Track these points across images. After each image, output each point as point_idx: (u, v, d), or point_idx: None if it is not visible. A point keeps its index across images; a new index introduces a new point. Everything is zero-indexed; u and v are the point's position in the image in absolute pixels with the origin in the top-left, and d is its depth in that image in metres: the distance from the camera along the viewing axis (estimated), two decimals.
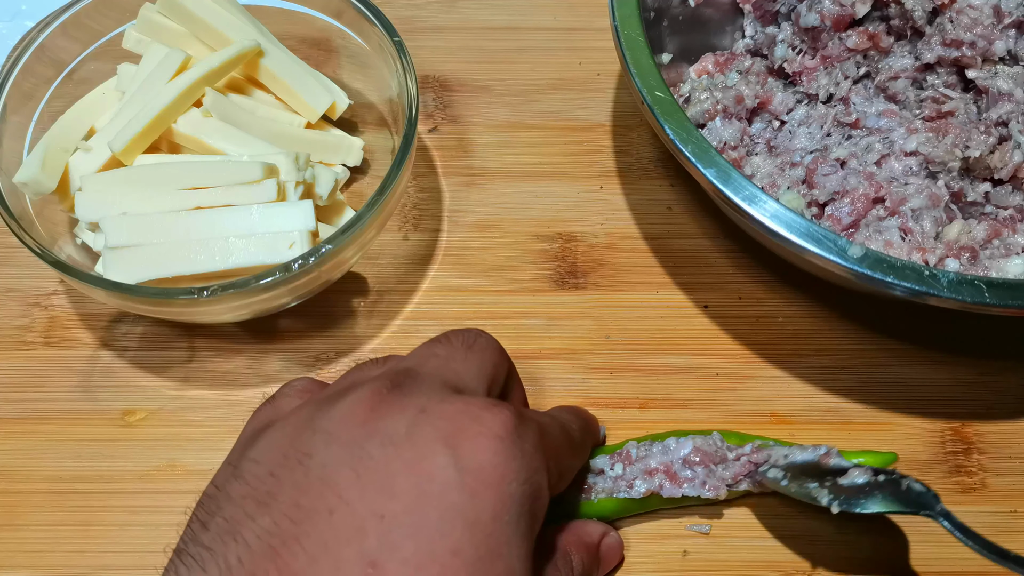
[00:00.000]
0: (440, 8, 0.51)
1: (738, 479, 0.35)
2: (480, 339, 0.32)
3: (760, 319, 0.42)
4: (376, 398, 0.27)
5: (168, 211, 0.37)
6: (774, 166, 0.42)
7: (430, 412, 0.27)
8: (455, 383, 0.29)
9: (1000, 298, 0.33)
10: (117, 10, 0.42)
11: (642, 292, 0.43)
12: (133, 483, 0.38)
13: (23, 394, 0.40)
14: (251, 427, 0.31)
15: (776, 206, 0.34)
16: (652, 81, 0.37)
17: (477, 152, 0.47)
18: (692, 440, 0.36)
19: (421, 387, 0.28)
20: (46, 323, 0.42)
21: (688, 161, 0.36)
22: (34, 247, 0.36)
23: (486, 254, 0.44)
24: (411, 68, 0.40)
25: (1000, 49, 0.41)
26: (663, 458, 0.35)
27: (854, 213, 0.39)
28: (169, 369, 0.41)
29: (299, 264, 0.35)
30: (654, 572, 0.36)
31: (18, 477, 0.38)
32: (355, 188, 0.45)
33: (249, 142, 0.40)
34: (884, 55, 0.44)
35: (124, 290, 0.35)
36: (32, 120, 0.41)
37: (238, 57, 0.41)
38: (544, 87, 0.48)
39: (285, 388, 0.32)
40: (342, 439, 0.26)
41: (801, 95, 0.45)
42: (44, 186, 0.39)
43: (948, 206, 0.40)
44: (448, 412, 0.27)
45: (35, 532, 0.37)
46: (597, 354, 0.41)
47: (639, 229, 0.45)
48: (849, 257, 0.33)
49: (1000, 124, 0.41)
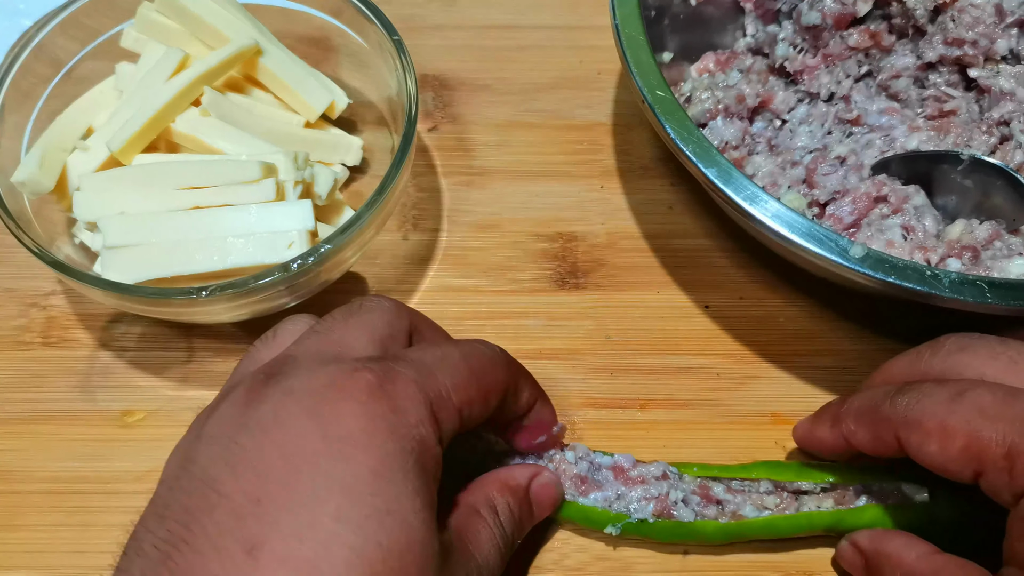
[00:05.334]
0: (440, 7, 0.51)
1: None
2: (366, 303, 0.32)
3: (761, 319, 0.42)
4: (249, 393, 0.28)
5: (166, 211, 0.37)
6: (775, 165, 0.42)
7: (296, 391, 0.27)
8: (336, 354, 0.29)
9: (1002, 298, 0.32)
10: (115, 9, 0.42)
11: (643, 292, 0.43)
12: (132, 483, 0.38)
13: (22, 394, 0.40)
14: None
15: (777, 206, 0.34)
16: (653, 80, 0.37)
17: (477, 152, 0.46)
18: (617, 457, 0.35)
19: (294, 370, 0.28)
20: (44, 323, 0.41)
21: (689, 160, 0.35)
22: (32, 247, 0.36)
23: (486, 254, 0.44)
24: (410, 67, 0.40)
25: (1002, 48, 0.41)
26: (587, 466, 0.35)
27: (855, 212, 0.39)
28: (168, 369, 0.40)
29: (298, 264, 0.35)
30: (654, 572, 0.36)
31: (17, 477, 0.38)
32: (354, 188, 0.45)
33: (248, 141, 0.40)
34: (886, 54, 0.44)
35: (122, 290, 0.35)
36: (30, 119, 0.40)
37: (237, 56, 0.40)
38: (544, 86, 0.48)
39: (278, 331, 0.33)
40: (219, 438, 0.27)
41: (802, 94, 0.44)
42: (42, 185, 0.39)
43: None
44: (312, 386, 0.27)
45: (35, 532, 0.37)
46: (597, 354, 0.41)
47: (640, 229, 0.44)
48: (850, 257, 0.33)
49: (1002, 123, 0.41)
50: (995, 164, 0.39)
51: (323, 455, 0.25)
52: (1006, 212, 0.39)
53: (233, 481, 0.25)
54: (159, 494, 0.27)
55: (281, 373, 0.28)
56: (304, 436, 0.26)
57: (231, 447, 0.26)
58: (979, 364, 0.30)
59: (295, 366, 0.28)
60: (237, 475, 0.25)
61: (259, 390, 0.28)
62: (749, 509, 0.34)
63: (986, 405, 0.27)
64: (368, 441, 0.26)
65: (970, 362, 0.30)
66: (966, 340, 0.32)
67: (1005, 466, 0.27)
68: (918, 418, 0.29)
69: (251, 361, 0.31)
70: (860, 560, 0.33)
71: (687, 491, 0.34)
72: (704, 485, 0.34)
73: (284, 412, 0.26)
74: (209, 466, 0.26)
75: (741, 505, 0.34)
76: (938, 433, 0.28)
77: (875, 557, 0.32)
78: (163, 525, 0.25)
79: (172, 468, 0.28)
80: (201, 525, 0.25)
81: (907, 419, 0.29)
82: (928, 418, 0.28)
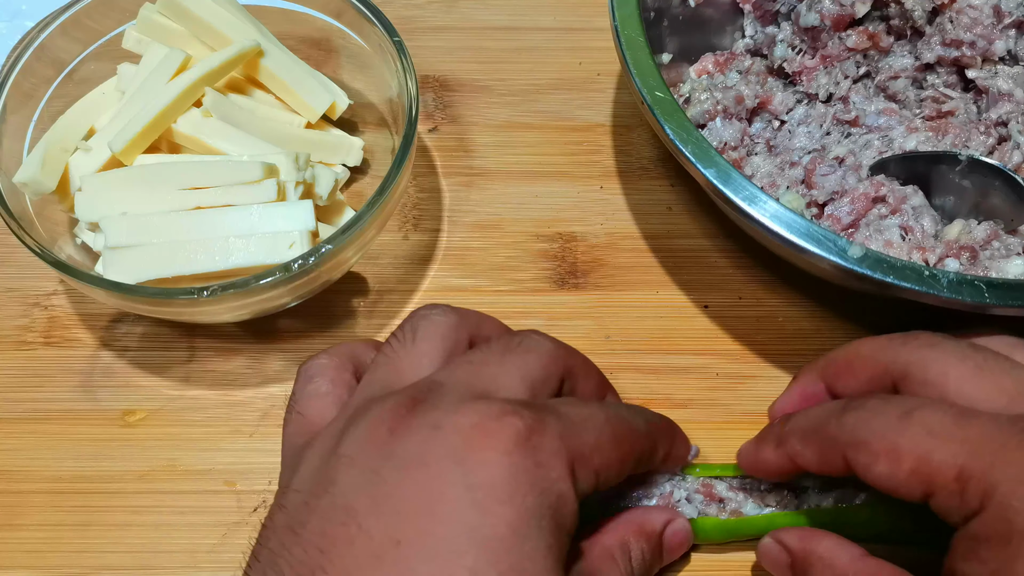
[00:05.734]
0: (440, 8, 0.51)
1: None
2: (526, 340, 0.31)
3: (760, 319, 0.42)
4: (394, 418, 0.27)
5: (168, 211, 0.37)
6: (774, 166, 0.42)
7: (443, 428, 0.26)
8: (485, 390, 0.28)
9: (1000, 298, 0.33)
10: (117, 10, 0.42)
11: (642, 292, 0.43)
12: (133, 483, 0.38)
13: (23, 394, 0.40)
14: (289, 444, 0.30)
15: (776, 206, 0.34)
16: (652, 81, 0.37)
17: (477, 152, 0.47)
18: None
19: (442, 401, 0.27)
20: (46, 323, 0.42)
21: (688, 161, 0.36)
22: (34, 247, 0.36)
23: (486, 254, 0.44)
24: (411, 68, 0.40)
25: (1000, 49, 0.41)
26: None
27: (854, 213, 0.39)
28: (169, 369, 0.41)
29: (299, 264, 0.35)
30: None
31: (18, 477, 0.38)
32: (355, 188, 0.45)
33: (249, 142, 0.40)
34: (884, 55, 0.44)
35: (124, 290, 0.35)
36: (32, 120, 0.41)
37: (238, 57, 0.41)
38: (544, 87, 0.48)
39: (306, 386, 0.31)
40: (361, 464, 0.26)
41: (801, 95, 0.45)
42: (44, 186, 0.39)
43: None
44: (460, 426, 0.26)
45: (35, 532, 0.37)
46: (597, 354, 0.41)
47: (639, 229, 0.44)
48: (849, 257, 0.33)
49: (1000, 124, 0.42)
50: (993, 164, 0.40)
51: (465, 504, 0.25)
52: (1004, 212, 0.40)
53: (375, 518, 0.25)
54: (293, 503, 0.27)
55: (428, 402, 0.27)
56: (447, 481, 0.25)
57: (372, 478, 0.26)
58: (946, 363, 0.29)
59: (442, 396, 0.28)
60: (379, 511, 0.25)
61: (404, 417, 0.27)
62: (750, 507, 0.34)
63: (936, 425, 0.27)
64: (510, 495, 0.25)
65: (938, 359, 0.30)
66: (939, 339, 0.31)
67: (956, 489, 0.26)
68: (866, 439, 0.28)
69: (389, 369, 0.30)
70: (786, 559, 0.32)
71: (690, 490, 0.34)
72: (707, 483, 0.34)
73: (430, 450, 0.26)
74: (350, 494, 0.26)
75: (742, 503, 0.34)
76: (887, 454, 0.27)
77: (804, 557, 0.31)
78: (299, 544, 0.25)
79: (307, 479, 0.27)
80: (340, 556, 0.25)
81: (855, 439, 0.28)
82: (877, 439, 0.27)
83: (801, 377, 0.35)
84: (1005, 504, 0.25)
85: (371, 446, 0.27)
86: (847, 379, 0.33)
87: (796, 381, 0.35)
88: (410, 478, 0.25)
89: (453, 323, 0.32)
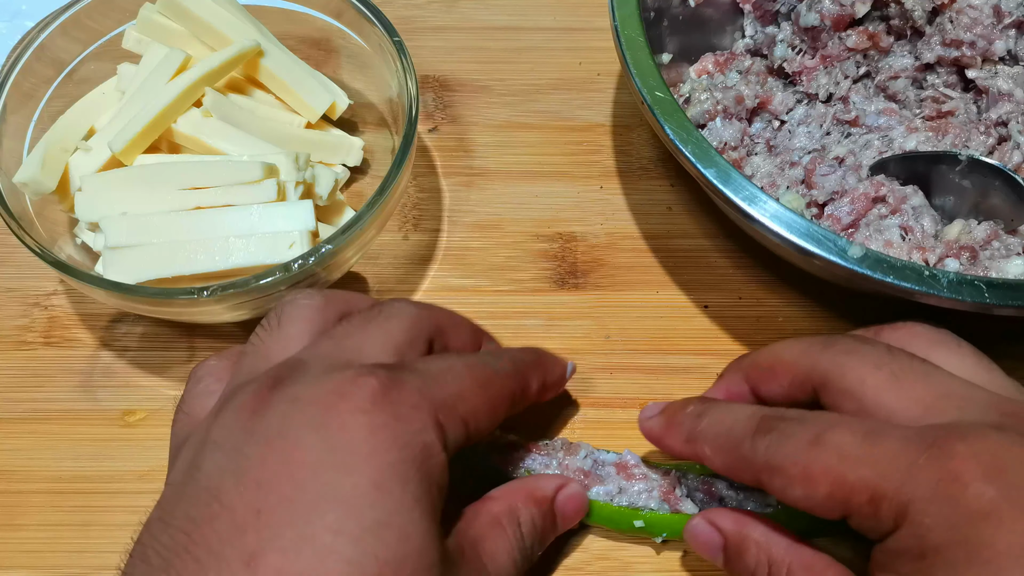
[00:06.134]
0: (440, 8, 0.51)
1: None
2: (387, 308, 0.31)
3: (760, 319, 0.42)
4: (256, 399, 0.27)
5: (168, 211, 0.37)
6: (774, 166, 0.42)
7: (301, 399, 0.27)
8: (348, 361, 0.29)
9: (1000, 298, 0.33)
10: (117, 10, 0.42)
11: (642, 292, 0.43)
12: (133, 483, 0.38)
13: (23, 394, 0.40)
14: (174, 443, 0.31)
15: (776, 206, 0.34)
16: (652, 81, 0.37)
17: (477, 152, 0.47)
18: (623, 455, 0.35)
19: (303, 376, 0.28)
20: (46, 323, 0.42)
21: (688, 161, 0.36)
22: (34, 247, 0.36)
23: (486, 254, 0.44)
24: (411, 68, 0.40)
25: (1000, 49, 0.41)
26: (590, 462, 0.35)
27: (854, 212, 0.39)
28: (169, 369, 0.41)
29: (299, 264, 0.35)
30: (654, 572, 0.36)
31: (18, 477, 0.38)
32: (355, 188, 0.45)
33: (249, 142, 0.40)
34: (884, 55, 0.44)
35: (124, 290, 0.35)
36: (32, 120, 0.41)
37: (238, 57, 0.41)
38: (544, 87, 0.48)
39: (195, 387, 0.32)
40: (225, 446, 0.27)
41: (801, 95, 0.45)
42: (44, 186, 0.39)
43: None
44: (317, 395, 0.27)
45: (35, 532, 0.37)
46: (597, 354, 0.41)
47: (639, 229, 0.45)
48: (849, 257, 0.33)
49: (1000, 124, 0.42)
50: (993, 164, 0.40)
51: (325, 467, 0.25)
52: (1004, 212, 0.40)
53: (236, 492, 0.25)
54: (166, 497, 0.27)
55: (289, 379, 0.28)
56: (307, 448, 0.26)
57: (236, 457, 0.26)
58: (863, 371, 0.30)
59: (303, 372, 0.28)
60: (240, 486, 0.25)
61: (266, 397, 0.27)
62: (752, 506, 0.34)
63: (846, 448, 0.27)
64: (370, 451, 0.26)
65: (854, 367, 0.30)
66: (857, 344, 0.31)
67: (870, 510, 0.26)
68: (780, 464, 0.28)
69: (257, 356, 0.31)
70: (718, 540, 0.32)
71: (691, 488, 0.34)
72: (707, 482, 0.34)
73: (289, 423, 0.26)
74: (214, 475, 0.26)
75: (744, 502, 0.34)
76: (801, 479, 0.27)
77: (739, 540, 0.31)
78: (166, 532, 0.26)
79: (179, 471, 0.28)
80: (203, 534, 0.25)
81: (769, 464, 0.28)
82: (790, 464, 0.28)
83: (726, 375, 0.35)
84: (917, 522, 0.25)
85: (235, 428, 0.27)
86: (770, 383, 0.33)
87: (722, 379, 0.35)
88: (271, 450, 0.26)
89: (318, 304, 0.32)
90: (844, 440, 0.27)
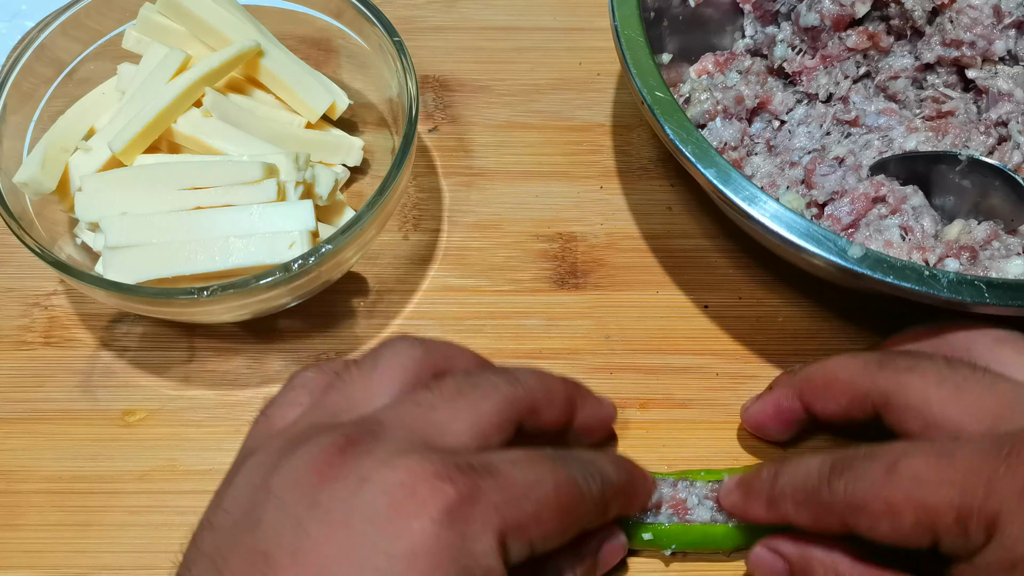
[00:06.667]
0: (440, 8, 0.51)
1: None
2: (482, 383, 0.30)
3: (760, 319, 0.42)
4: (327, 459, 0.26)
5: (168, 211, 0.37)
6: (774, 166, 0.42)
7: (371, 482, 0.25)
8: (428, 437, 0.27)
9: (1000, 298, 0.33)
10: (117, 10, 0.42)
11: (642, 292, 0.43)
12: (133, 483, 0.38)
13: (23, 394, 0.40)
14: (246, 445, 0.30)
15: (776, 206, 0.34)
16: (652, 81, 0.37)
17: (477, 152, 0.47)
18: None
19: (379, 446, 0.26)
20: (46, 323, 0.42)
21: (688, 161, 0.36)
22: (34, 247, 0.36)
23: (486, 254, 0.44)
24: (411, 68, 0.40)
25: (1000, 49, 0.41)
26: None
27: (854, 212, 0.39)
28: (169, 369, 0.41)
29: (299, 264, 0.35)
30: (653, 572, 0.36)
31: (18, 477, 0.38)
32: (355, 188, 0.45)
33: (249, 142, 0.40)
34: (884, 55, 0.44)
35: (124, 290, 0.35)
36: (32, 120, 0.41)
37: (238, 57, 0.41)
38: (544, 87, 0.48)
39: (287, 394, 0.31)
40: (288, 508, 0.26)
41: (801, 95, 0.45)
42: (44, 186, 0.39)
43: None
44: (388, 484, 0.25)
45: (35, 532, 0.37)
46: (597, 354, 0.41)
47: (639, 229, 0.45)
48: (849, 257, 0.33)
49: (1000, 124, 0.42)
50: (993, 164, 0.40)
51: (382, 573, 0.24)
52: (1004, 212, 0.40)
53: (291, 570, 0.25)
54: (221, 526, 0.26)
55: (363, 444, 0.26)
56: (368, 545, 0.25)
57: (296, 531, 0.25)
58: (926, 388, 0.29)
59: (379, 440, 0.27)
60: (296, 566, 0.25)
61: (337, 462, 0.26)
62: None
63: (923, 472, 0.27)
64: (431, 567, 0.24)
65: (916, 384, 0.30)
66: (916, 361, 0.31)
67: (959, 530, 0.26)
68: (861, 502, 0.28)
69: (342, 395, 0.30)
70: (782, 566, 0.31)
71: (700, 495, 0.34)
72: (715, 489, 0.34)
73: (355, 506, 0.25)
74: (272, 540, 0.25)
75: None
76: (885, 513, 0.27)
77: (803, 563, 0.31)
78: None
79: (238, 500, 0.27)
80: None
81: (851, 505, 0.28)
82: (871, 500, 0.27)
83: (777, 389, 0.35)
84: (1007, 533, 0.25)
85: (299, 489, 0.26)
86: (826, 401, 0.33)
87: (772, 393, 0.35)
88: (332, 536, 0.25)
89: (418, 356, 0.30)
90: (919, 465, 0.27)
